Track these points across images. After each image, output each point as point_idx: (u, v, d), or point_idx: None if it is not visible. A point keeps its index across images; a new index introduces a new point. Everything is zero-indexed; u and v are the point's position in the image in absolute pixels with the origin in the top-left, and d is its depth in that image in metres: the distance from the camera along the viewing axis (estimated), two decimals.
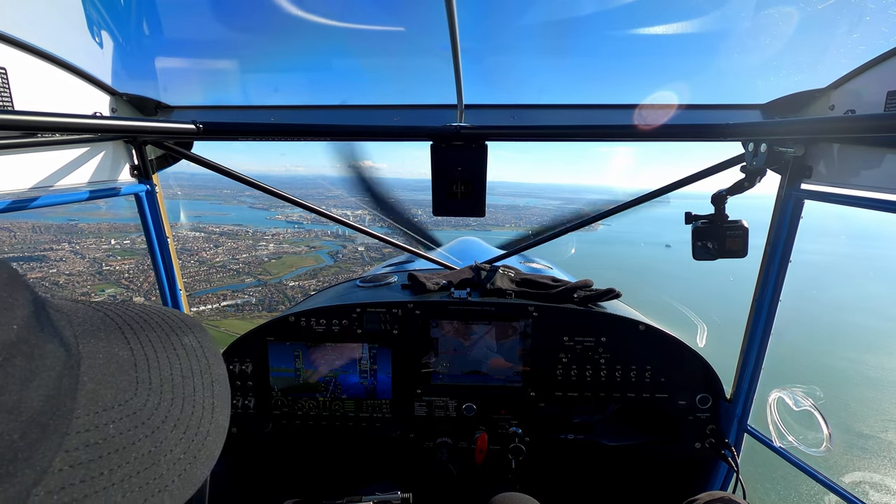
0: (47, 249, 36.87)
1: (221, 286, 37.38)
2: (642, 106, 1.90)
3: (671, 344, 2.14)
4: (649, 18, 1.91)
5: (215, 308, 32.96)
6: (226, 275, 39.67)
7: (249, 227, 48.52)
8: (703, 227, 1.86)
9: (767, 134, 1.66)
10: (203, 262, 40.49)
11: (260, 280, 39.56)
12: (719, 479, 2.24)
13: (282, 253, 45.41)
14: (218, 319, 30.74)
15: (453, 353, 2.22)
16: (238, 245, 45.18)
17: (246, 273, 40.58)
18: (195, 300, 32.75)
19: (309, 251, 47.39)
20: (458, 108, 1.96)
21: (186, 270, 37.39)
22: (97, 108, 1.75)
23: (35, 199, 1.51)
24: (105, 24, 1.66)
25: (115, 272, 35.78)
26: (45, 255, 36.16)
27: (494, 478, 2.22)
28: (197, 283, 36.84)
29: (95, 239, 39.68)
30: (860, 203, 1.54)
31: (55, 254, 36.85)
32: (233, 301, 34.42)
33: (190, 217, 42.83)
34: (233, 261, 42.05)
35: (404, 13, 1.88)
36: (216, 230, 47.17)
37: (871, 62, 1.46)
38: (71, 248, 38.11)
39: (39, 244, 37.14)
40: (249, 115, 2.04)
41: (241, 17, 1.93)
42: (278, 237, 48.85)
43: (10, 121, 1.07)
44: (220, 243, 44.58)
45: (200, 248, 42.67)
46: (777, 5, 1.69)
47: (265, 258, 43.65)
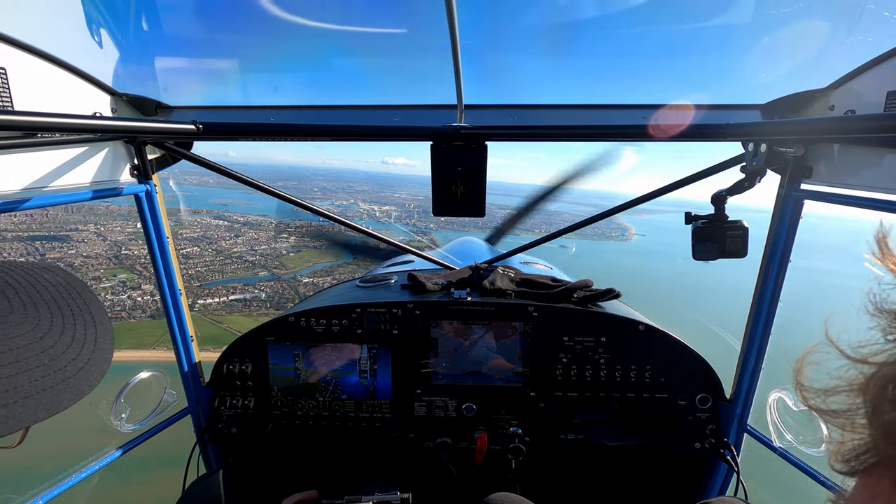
0: (72, 230, 36.20)
1: (234, 278, 36.56)
2: (642, 106, 1.90)
3: (671, 344, 2.14)
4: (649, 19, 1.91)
5: (222, 302, 32.08)
6: (240, 266, 38.82)
7: (274, 218, 47.63)
8: (702, 227, 1.86)
9: (767, 134, 1.66)
10: (220, 251, 39.70)
11: (274, 274, 38.63)
12: (719, 480, 2.24)
13: (301, 247, 44.32)
14: (222, 315, 30.10)
15: (453, 354, 2.22)
16: (259, 236, 44.07)
17: (261, 266, 39.66)
18: (204, 291, 32.07)
19: (329, 246, 46.41)
20: (458, 108, 1.95)
21: (202, 259, 36.66)
22: (97, 108, 1.75)
23: (35, 200, 1.51)
24: (105, 24, 1.66)
25: (132, 257, 34.80)
26: (70, 234, 35.51)
27: (494, 478, 2.22)
28: (210, 273, 36.05)
29: (122, 221, 38.67)
30: (860, 203, 1.54)
31: (79, 234, 36.20)
32: (241, 295, 33.56)
33: (215, 205, 42.39)
34: (250, 252, 41.12)
35: (404, 13, 1.88)
36: (240, 219, 46.17)
37: (871, 62, 1.46)
38: (96, 230, 37.34)
39: (67, 224, 36.42)
40: (249, 115, 2.04)
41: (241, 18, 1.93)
42: (301, 230, 47.51)
43: (10, 121, 1.07)
44: (242, 233, 43.66)
45: (220, 237, 41.75)
46: (777, 5, 1.69)
47: (283, 251, 42.60)
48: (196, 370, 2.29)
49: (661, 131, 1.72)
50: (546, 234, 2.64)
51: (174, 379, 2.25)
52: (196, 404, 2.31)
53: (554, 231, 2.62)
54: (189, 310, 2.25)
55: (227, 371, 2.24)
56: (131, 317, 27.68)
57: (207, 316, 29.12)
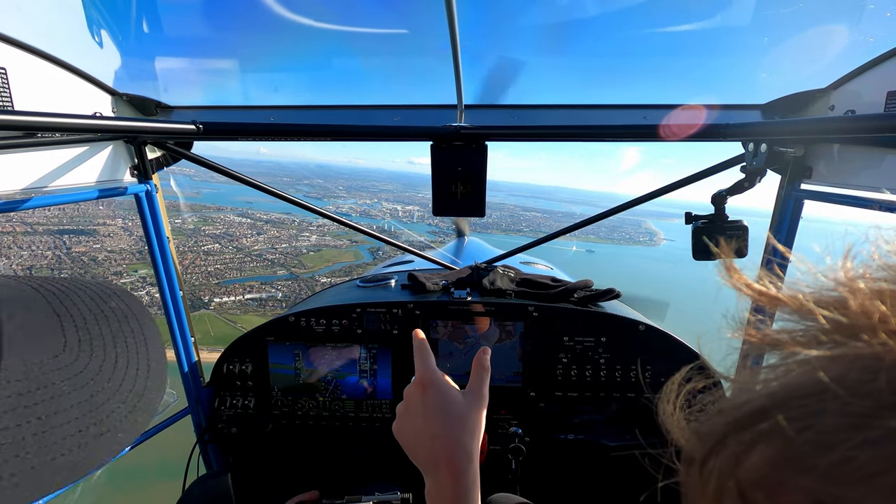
0: (100, 223, 36.04)
1: (252, 276, 36.34)
2: (642, 106, 1.90)
3: (671, 344, 2.14)
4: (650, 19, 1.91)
5: (238, 301, 31.76)
6: (259, 264, 38.65)
7: (297, 216, 46.51)
8: (702, 227, 1.86)
9: (767, 134, 1.66)
10: (241, 248, 39.57)
11: (292, 273, 38.37)
12: None
13: (322, 245, 43.85)
14: (237, 314, 29.76)
15: (453, 354, 2.22)
16: (281, 234, 43.89)
17: (280, 264, 39.41)
18: (221, 289, 31.81)
19: (350, 245, 46.01)
20: (458, 108, 1.96)
21: (222, 256, 36.39)
22: (97, 108, 1.75)
23: (34, 200, 1.51)
24: (105, 24, 1.66)
25: None
26: (97, 229, 35.37)
27: (494, 478, 2.22)
28: (229, 270, 35.82)
29: None
30: (860, 203, 1.54)
31: (106, 228, 36.00)
32: (258, 294, 33.33)
33: (240, 203, 42.27)
34: (270, 250, 40.93)
35: (404, 13, 1.88)
36: (263, 217, 46.00)
37: (871, 62, 1.46)
38: (123, 224, 37.06)
39: (96, 218, 36.24)
40: (249, 115, 2.04)
41: (242, 17, 1.93)
42: (322, 229, 47.01)
43: (10, 121, 1.07)
44: (264, 231, 43.52)
45: (242, 235, 41.66)
46: (777, 5, 1.69)
47: (304, 250, 42.47)
48: (196, 370, 2.29)
49: (660, 131, 1.72)
50: (546, 235, 2.64)
51: (174, 379, 2.25)
52: (196, 404, 2.31)
53: (554, 231, 2.62)
54: (189, 309, 2.26)
55: (227, 371, 2.24)
56: None
57: (222, 314, 28.84)
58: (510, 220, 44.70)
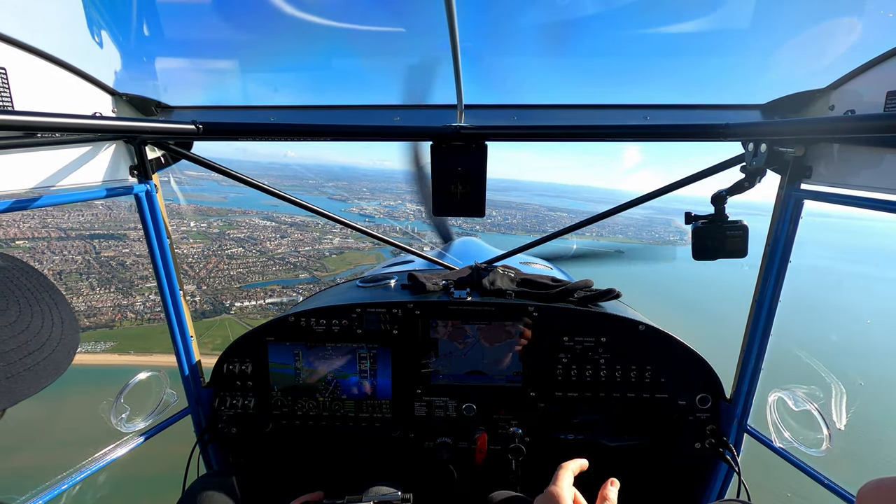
0: (130, 228, 35.82)
1: (274, 280, 36.14)
2: (643, 106, 1.90)
3: (671, 344, 2.14)
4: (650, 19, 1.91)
5: (258, 305, 31.59)
6: (282, 268, 38.35)
7: (321, 218, 46.82)
8: (703, 227, 1.86)
9: (767, 134, 1.66)
10: (264, 252, 39.36)
11: (314, 276, 38.03)
12: (719, 480, 2.24)
13: (344, 248, 43.16)
14: (257, 319, 29.52)
15: (453, 353, 2.22)
16: (304, 237, 43.49)
17: (302, 268, 39.15)
18: (243, 294, 31.78)
19: (372, 248, 44.96)
20: (458, 108, 1.95)
21: (245, 260, 36.30)
22: (97, 108, 1.75)
23: (35, 200, 1.51)
24: (105, 24, 1.66)
25: (180, 256, 34.31)
26: (127, 233, 35.26)
27: (495, 478, 2.22)
28: (251, 274, 35.68)
29: (178, 220, 37.77)
30: (860, 203, 1.54)
31: (136, 233, 35.48)
32: (279, 298, 32.92)
33: (266, 206, 42.44)
34: (293, 253, 40.66)
35: (404, 13, 1.88)
36: (287, 220, 45.47)
37: (871, 62, 1.46)
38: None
39: (127, 222, 35.92)
40: (249, 115, 2.04)
41: (242, 17, 1.93)
42: (346, 231, 45.67)
43: (10, 121, 1.07)
44: (288, 234, 43.21)
45: (266, 238, 41.47)
46: (777, 6, 1.69)
47: (326, 252, 42.16)
48: (196, 370, 2.29)
49: (661, 131, 1.72)
50: (546, 235, 2.64)
51: (174, 379, 2.26)
52: (196, 404, 2.31)
53: (554, 232, 2.62)
54: (189, 310, 2.26)
55: (227, 371, 2.24)
56: None
57: (242, 319, 28.64)
58: (535, 221, 44.21)
